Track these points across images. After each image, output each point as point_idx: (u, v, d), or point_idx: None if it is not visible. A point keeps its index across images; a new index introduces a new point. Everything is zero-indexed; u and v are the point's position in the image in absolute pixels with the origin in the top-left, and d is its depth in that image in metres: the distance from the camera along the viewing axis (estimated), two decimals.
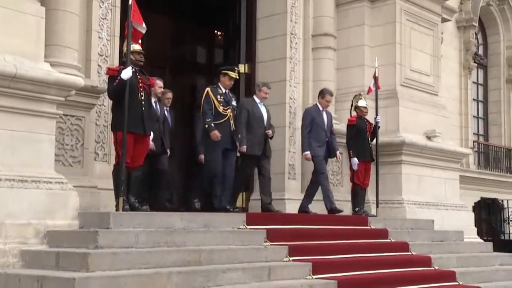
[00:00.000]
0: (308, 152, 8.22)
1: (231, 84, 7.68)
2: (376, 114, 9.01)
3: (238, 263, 5.84)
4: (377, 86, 9.14)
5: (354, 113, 9.01)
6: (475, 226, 11.27)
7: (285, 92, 9.49)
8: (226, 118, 7.43)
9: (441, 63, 11.25)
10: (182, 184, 9.98)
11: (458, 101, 13.63)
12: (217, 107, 7.40)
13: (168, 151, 8.01)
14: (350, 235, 7.42)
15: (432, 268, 7.43)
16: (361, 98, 8.97)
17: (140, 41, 6.63)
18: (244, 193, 9.15)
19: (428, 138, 10.33)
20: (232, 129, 7.49)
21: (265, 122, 8.07)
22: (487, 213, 14.17)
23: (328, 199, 8.23)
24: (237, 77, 7.80)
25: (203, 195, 8.13)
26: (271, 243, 6.46)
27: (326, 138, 8.36)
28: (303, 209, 8.31)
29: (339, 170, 9.80)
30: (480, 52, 14.90)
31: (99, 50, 7.25)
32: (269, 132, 8.00)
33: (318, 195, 8.38)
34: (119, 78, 6.27)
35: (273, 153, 8.37)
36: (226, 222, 6.58)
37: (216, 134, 7.23)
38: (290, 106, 9.52)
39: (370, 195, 9.29)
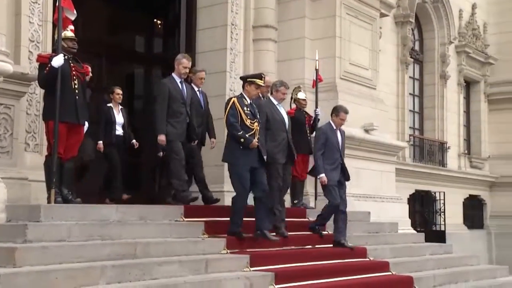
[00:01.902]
0: (323, 175, 7.45)
1: (258, 93, 6.94)
2: (316, 107, 9.03)
3: (174, 256, 5.76)
4: (318, 79, 9.18)
5: (293, 106, 9.02)
6: (410, 217, 11.57)
7: (225, 83, 9.41)
8: (253, 132, 6.57)
9: (379, 57, 11.45)
10: None
11: (395, 95, 13.92)
12: (244, 120, 6.53)
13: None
14: (289, 227, 7.43)
15: (367, 259, 7.58)
16: (300, 91, 8.98)
17: (73, 27, 6.39)
18: None
19: (366, 131, 10.48)
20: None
21: (287, 126, 7.27)
22: (420, 205, 14.60)
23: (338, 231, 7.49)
24: (263, 85, 6.99)
25: None
26: (208, 236, 6.41)
27: (340, 160, 7.62)
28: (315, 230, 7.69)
29: None
30: (417, 47, 15.27)
31: (30, 36, 6.95)
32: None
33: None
34: (49, 65, 6.04)
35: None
36: (163, 215, 6.49)
37: (255, 142, 6.51)
38: None
39: (309, 188, 9.34)
